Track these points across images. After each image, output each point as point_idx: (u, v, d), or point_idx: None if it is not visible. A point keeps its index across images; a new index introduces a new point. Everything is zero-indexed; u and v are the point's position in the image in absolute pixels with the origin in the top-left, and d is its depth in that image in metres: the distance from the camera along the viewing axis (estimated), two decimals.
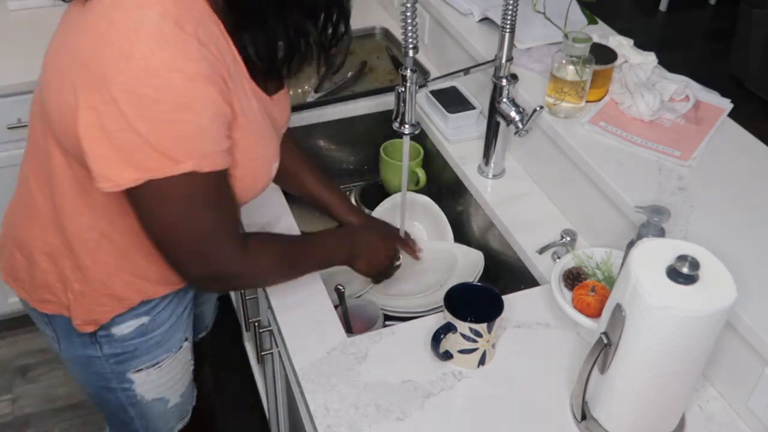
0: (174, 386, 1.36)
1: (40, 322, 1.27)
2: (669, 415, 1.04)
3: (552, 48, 1.56)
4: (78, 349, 1.25)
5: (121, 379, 1.28)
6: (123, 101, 0.89)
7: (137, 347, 1.25)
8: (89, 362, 1.26)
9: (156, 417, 1.38)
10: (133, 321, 1.22)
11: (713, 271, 0.93)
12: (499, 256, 1.51)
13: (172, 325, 1.28)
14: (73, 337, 1.23)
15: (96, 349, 1.23)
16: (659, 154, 1.34)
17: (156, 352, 1.27)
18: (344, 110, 1.79)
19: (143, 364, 1.27)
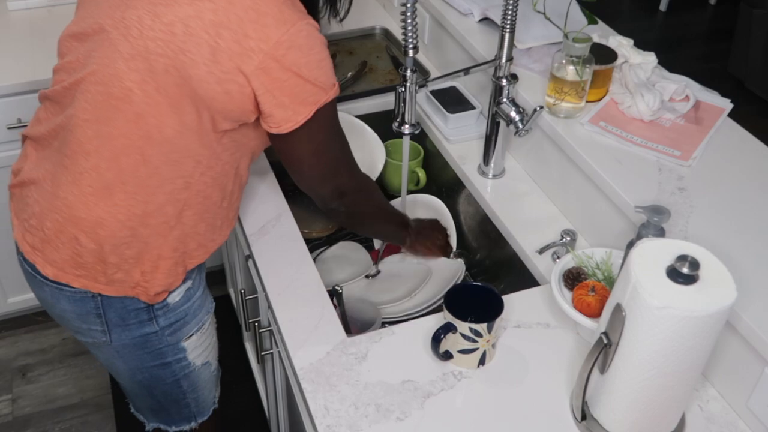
0: (213, 349, 1.46)
1: (89, 317, 1.27)
2: (669, 415, 1.04)
3: (552, 48, 1.56)
4: (134, 330, 1.28)
5: (176, 350, 1.34)
6: (287, 57, 1.09)
7: (187, 312, 1.32)
8: (145, 342, 1.30)
9: (203, 385, 1.46)
10: (182, 286, 1.29)
11: (713, 271, 0.93)
12: (499, 256, 1.51)
13: (204, 288, 1.38)
14: (130, 320, 1.27)
15: (153, 324, 1.29)
16: (659, 154, 1.34)
17: (200, 314, 1.36)
18: (344, 110, 1.79)
19: (192, 329, 1.35)
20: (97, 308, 1.25)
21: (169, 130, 1.13)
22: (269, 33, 1.08)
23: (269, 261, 1.36)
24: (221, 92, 1.11)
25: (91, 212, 1.17)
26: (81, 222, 1.18)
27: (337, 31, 2.05)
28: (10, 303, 2.28)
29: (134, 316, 1.27)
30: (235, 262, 1.96)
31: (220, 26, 1.07)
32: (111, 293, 1.23)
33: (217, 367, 1.50)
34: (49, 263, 1.22)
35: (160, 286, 1.24)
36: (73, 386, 2.23)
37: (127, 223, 1.18)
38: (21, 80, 1.89)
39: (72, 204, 1.18)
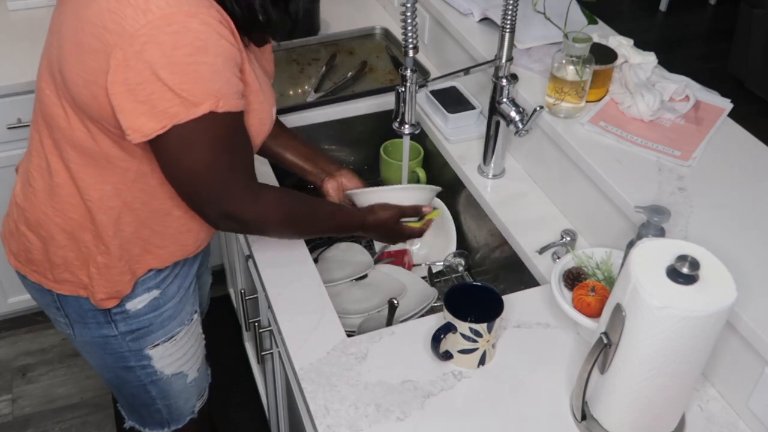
0: (191, 359, 1.40)
1: (51, 309, 1.28)
2: (669, 415, 1.04)
3: (552, 48, 1.56)
4: (93, 330, 1.27)
5: (139, 356, 1.31)
6: (145, 52, 0.94)
7: (152, 322, 1.28)
8: (105, 343, 1.28)
9: (177, 394, 1.41)
10: (145, 295, 1.25)
11: (713, 271, 0.93)
12: (499, 256, 1.51)
13: (181, 298, 1.32)
14: (88, 319, 1.25)
15: (111, 327, 1.26)
16: (659, 154, 1.34)
17: (170, 325, 1.31)
18: (344, 110, 1.79)
19: (159, 339, 1.31)
20: (55, 302, 1.26)
21: (79, 133, 1.09)
22: (125, 25, 0.95)
23: (269, 261, 1.36)
24: (90, 97, 1.02)
25: (35, 212, 1.19)
26: (28, 220, 1.20)
27: (338, 31, 2.05)
28: (10, 303, 2.28)
29: (92, 317, 1.25)
30: (235, 262, 1.96)
31: (85, 21, 0.99)
32: (62, 291, 1.23)
33: (197, 378, 1.45)
34: (12, 254, 1.26)
35: (104, 293, 1.21)
36: (73, 386, 2.23)
37: (65, 226, 1.17)
38: (21, 80, 1.89)
39: (21, 201, 1.21)
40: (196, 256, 1.35)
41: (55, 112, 1.10)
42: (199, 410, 1.52)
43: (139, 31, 0.94)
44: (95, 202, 1.14)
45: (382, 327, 1.27)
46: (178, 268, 1.30)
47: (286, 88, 1.84)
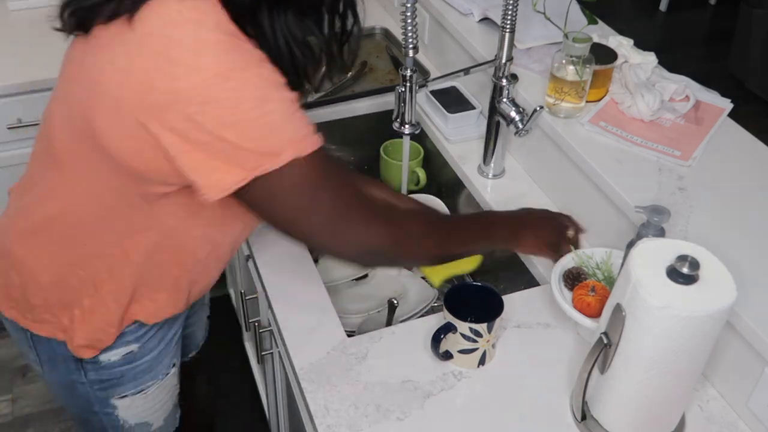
0: (158, 411, 1.33)
1: (23, 345, 1.23)
2: (669, 415, 1.04)
3: (552, 48, 1.56)
4: (62, 374, 1.22)
5: (104, 404, 1.26)
6: (203, 114, 0.88)
7: (123, 374, 1.22)
8: (72, 386, 1.23)
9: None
10: (122, 348, 1.19)
11: (713, 271, 0.93)
12: (499, 256, 1.51)
13: (160, 352, 1.25)
14: (58, 362, 1.20)
15: (80, 375, 1.21)
16: (659, 154, 1.34)
17: (142, 378, 1.25)
18: (344, 110, 1.79)
19: (128, 390, 1.25)
20: (28, 340, 1.21)
21: (89, 182, 1.03)
22: (177, 85, 0.87)
23: (269, 261, 1.35)
24: (132, 149, 0.95)
25: (20, 250, 1.13)
26: (11, 256, 1.14)
27: None
28: None
29: (62, 361, 1.19)
30: (235, 262, 1.96)
31: (126, 74, 0.90)
32: (39, 332, 1.17)
33: (162, 425, 1.36)
34: None
35: (84, 339, 1.15)
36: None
37: (52, 269, 1.12)
38: (21, 80, 1.89)
39: (7, 237, 1.15)
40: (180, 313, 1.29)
41: (67, 158, 1.04)
42: None
43: (193, 91, 0.87)
44: (93, 248, 1.09)
45: (382, 327, 1.27)
46: (161, 322, 1.22)
47: None
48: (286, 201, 0.96)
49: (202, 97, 0.87)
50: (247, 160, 0.91)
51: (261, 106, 0.90)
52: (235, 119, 0.88)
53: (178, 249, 1.12)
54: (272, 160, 0.91)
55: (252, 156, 0.91)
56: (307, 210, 0.98)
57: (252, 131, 0.90)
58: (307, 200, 0.97)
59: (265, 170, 0.92)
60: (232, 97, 0.88)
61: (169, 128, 0.90)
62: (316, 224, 1.00)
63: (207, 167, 0.92)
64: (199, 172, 0.92)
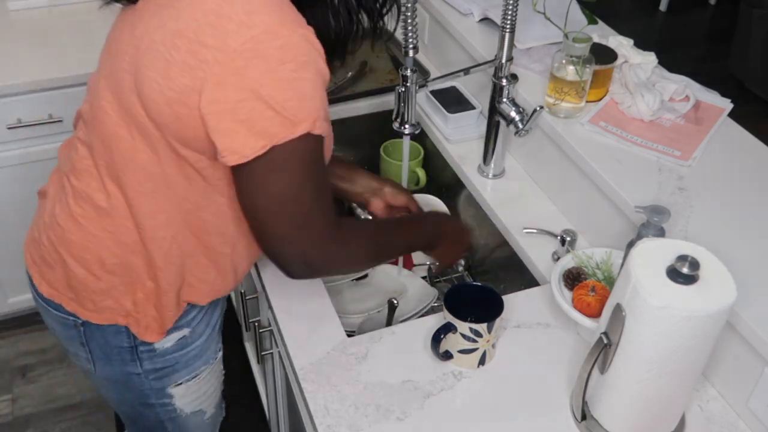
0: (210, 397, 1.36)
1: (73, 343, 1.23)
2: (669, 415, 1.04)
3: (552, 48, 1.56)
4: (116, 366, 1.22)
5: (161, 395, 1.27)
6: (249, 68, 0.91)
7: (177, 360, 1.24)
8: (127, 380, 1.24)
9: (192, 430, 1.37)
10: (174, 333, 1.20)
11: (713, 271, 0.93)
12: (499, 256, 1.51)
13: (208, 337, 1.27)
14: (113, 356, 1.21)
15: (136, 365, 1.21)
16: (659, 154, 1.34)
17: (195, 364, 1.27)
18: (344, 110, 1.79)
19: (183, 377, 1.26)
20: (80, 336, 1.21)
21: (143, 156, 1.04)
22: (228, 40, 0.90)
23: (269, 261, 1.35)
24: (171, 115, 0.97)
25: (80, 236, 1.13)
26: (70, 245, 1.14)
27: None
28: (10, 303, 2.28)
29: (117, 353, 1.20)
30: None
31: (176, 35, 0.93)
32: (100, 321, 1.17)
33: (214, 414, 1.41)
34: (45, 280, 1.19)
35: (151, 318, 1.17)
36: (73, 386, 2.23)
37: (116, 250, 1.12)
38: (21, 80, 1.89)
39: (64, 224, 1.14)
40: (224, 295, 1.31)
41: (118, 132, 1.05)
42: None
43: (243, 45, 0.90)
44: (147, 230, 1.10)
45: (382, 327, 1.27)
46: (206, 306, 1.25)
47: None
48: (283, 177, 0.97)
49: (250, 52, 0.90)
50: (270, 125, 0.93)
51: (299, 69, 0.93)
52: (275, 76, 0.91)
53: (225, 228, 1.13)
54: (291, 128, 0.94)
55: (275, 120, 0.93)
56: (295, 193, 0.99)
57: (284, 92, 0.92)
58: (299, 183, 0.99)
59: (282, 139, 0.94)
60: (277, 55, 0.91)
61: (213, 83, 0.92)
62: (292, 210, 1.00)
63: (231, 131, 0.94)
64: (223, 134, 0.94)
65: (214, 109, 0.93)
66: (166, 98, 0.96)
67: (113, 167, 1.08)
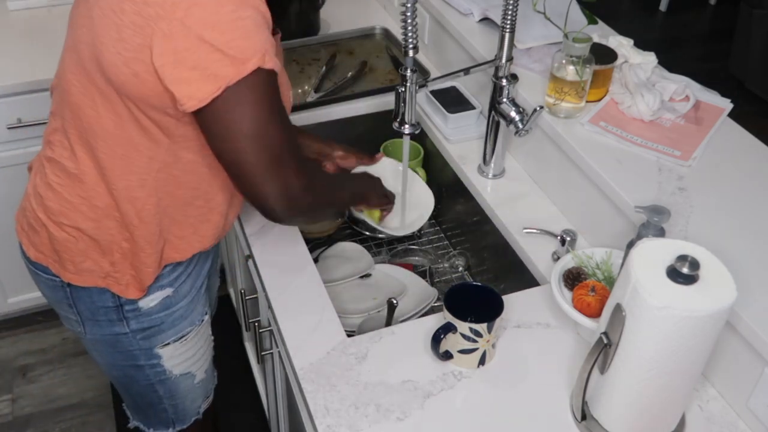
0: (199, 360, 1.41)
1: (62, 306, 1.28)
2: (669, 415, 1.04)
3: (552, 48, 1.56)
4: (105, 327, 1.27)
5: (149, 355, 1.32)
6: (189, 16, 0.95)
7: (163, 320, 1.29)
8: (116, 341, 1.29)
9: (183, 394, 1.42)
10: (158, 293, 1.26)
11: (713, 271, 0.93)
12: (499, 256, 1.51)
13: (193, 298, 1.32)
14: (99, 316, 1.26)
15: (123, 325, 1.27)
16: (659, 154, 1.34)
17: (181, 324, 1.32)
18: (344, 110, 1.79)
19: (170, 338, 1.31)
20: (68, 298, 1.26)
21: (107, 121, 1.10)
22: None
23: (269, 261, 1.36)
24: (130, 75, 1.02)
25: (58, 201, 1.19)
26: (49, 211, 1.20)
27: (338, 31, 2.05)
28: (10, 303, 2.28)
29: (104, 313, 1.26)
30: (235, 262, 1.96)
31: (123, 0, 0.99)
32: (80, 283, 1.23)
33: (204, 378, 1.46)
34: (32, 245, 1.25)
35: (130, 276, 1.22)
36: (73, 386, 2.23)
37: (90, 214, 1.18)
38: (21, 80, 1.89)
39: (43, 191, 1.21)
40: (207, 255, 1.36)
41: (83, 101, 1.11)
42: (204, 411, 1.53)
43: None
44: (121, 191, 1.15)
45: (382, 327, 1.27)
46: (191, 266, 1.31)
47: None
48: (247, 114, 0.99)
49: (188, 2, 0.95)
50: (220, 67, 0.97)
51: (238, 10, 0.97)
52: (215, 20, 0.96)
53: (198, 183, 1.17)
54: (241, 67, 0.97)
55: (225, 61, 0.96)
56: (264, 128, 1.01)
57: (228, 33, 0.96)
58: (265, 118, 1.01)
59: (234, 78, 0.97)
60: (214, 1, 0.96)
61: (159, 37, 0.97)
62: (266, 145, 1.01)
63: (185, 79, 0.98)
64: (178, 84, 0.98)
65: (165, 60, 0.98)
66: (123, 59, 1.01)
67: (84, 135, 1.13)
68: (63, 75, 1.15)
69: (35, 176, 1.25)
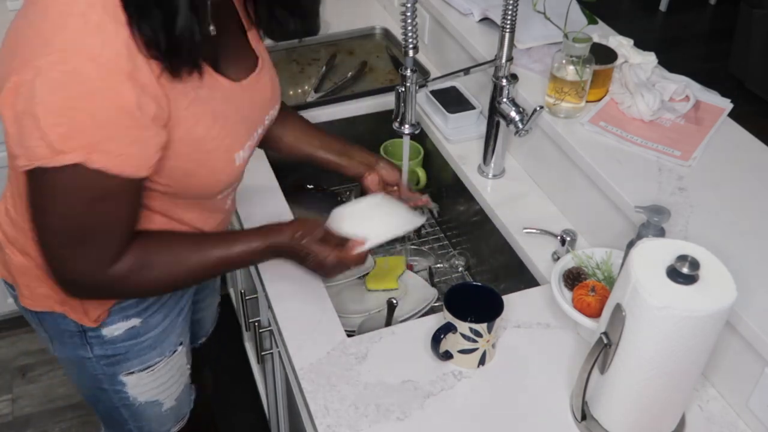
0: (168, 390, 1.35)
1: (33, 323, 1.27)
2: (669, 415, 1.04)
3: (552, 48, 1.56)
4: (69, 349, 1.24)
5: (113, 381, 1.28)
6: (35, 85, 0.88)
7: (128, 350, 1.24)
8: (81, 363, 1.26)
9: (150, 419, 1.37)
10: (122, 323, 1.21)
11: (713, 271, 0.93)
12: (499, 256, 1.51)
13: (165, 329, 1.27)
14: (65, 338, 1.23)
15: (87, 350, 1.23)
16: (659, 154, 1.34)
17: (148, 355, 1.27)
18: (344, 110, 1.79)
19: (135, 367, 1.27)
20: (35, 318, 1.24)
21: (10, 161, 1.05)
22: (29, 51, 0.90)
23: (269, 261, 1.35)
24: None
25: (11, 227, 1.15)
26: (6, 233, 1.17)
27: (338, 31, 2.05)
28: (10, 303, 2.26)
29: (68, 336, 1.22)
30: None
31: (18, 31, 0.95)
32: (36, 308, 1.20)
33: (174, 406, 1.39)
34: (1, 262, 1.23)
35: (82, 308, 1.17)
36: (73, 386, 2.20)
37: None
38: None
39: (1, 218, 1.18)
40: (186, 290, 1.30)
41: None
42: None
43: (36, 61, 0.89)
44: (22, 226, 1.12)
45: (382, 327, 1.27)
46: (164, 299, 1.25)
47: (286, 88, 1.84)
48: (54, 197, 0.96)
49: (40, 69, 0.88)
50: (36, 145, 0.90)
51: (79, 99, 0.89)
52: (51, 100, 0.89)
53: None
54: (53, 156, 0.91)
55: (41, 143, 0.90)
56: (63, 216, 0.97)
57: (55, 118, 0.89)
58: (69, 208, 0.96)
59: (45, 163, 0.91)
60: (61, 80, 0.88)
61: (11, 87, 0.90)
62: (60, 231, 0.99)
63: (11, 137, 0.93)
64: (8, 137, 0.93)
65: (6, 113, 0.92)
66: None
67: None
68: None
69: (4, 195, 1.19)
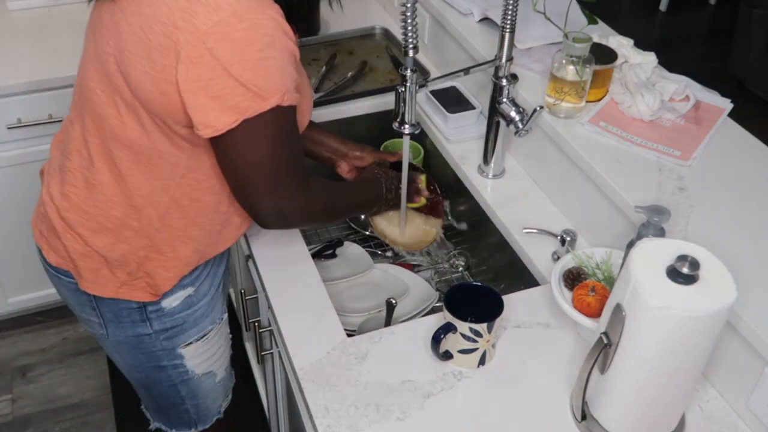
0: (219, 359, 1.42)
1: (84, 309, 1.29)
2: (669, 415, 1.04)
3: (552, 48, 1.56)
4: (128, 329, 1.28)
5: (172, 356, 1.33)
6: (218, 49, 0.98)
7: (185, 320, 1.30)
8: (139, 342, 1.30)
9: (205, 393, 1.43)
10: (180, 293, 1.27)
11: (713, 271, 0.93)
12: (499, 256, 1.51)
13: (212, 297, 1.34)
14: (123, 318, 1.26)
15: (146, 326, 1.27)
16: (659, 154, 1.34)
17: (203, 323, 1.33)
18: (344, 110, 1.79)
19: (192, 337, 1.32)
20: (91, 301, 1.26)
21: (132, 131, 1.11)
22: (197, 23, 0.97)
23: (269, 261, 1.36)
24: (156, 93, 1.04)
25: (75, 211, 1.19)
26: (66, 220, 1.20)
27: (338, 31, 2.05)
28: (10, 303, 2.28)
29: (127, 315, 1.26)
30: (235, 262, 1.96)
31: (152, 20, 1.00)
32: (97, 292, 1.23)
33: (224, 377, 1.48)
34: (52, 250, 1.25)
35: (147, 285, 1.23)
36: (73, 386, 2.23)
37: (108, 225, 1.18)
38: (21, 80, 1.89)
39: (59, 201, 1.21)
40: (223, 255, 1.37)
41: (107, 111, 1.11)
42: (225, 410, 1.55)
43: (212, 28, 0.97)
44: (145, 197, 1.16)
45: (382, 327, 1.27)
46: (209, 266, 1.32)
47: None
48: (259, 145, 1.06)
49: (218, 34, 0.97)
50: (241, 100, 1.01)
51: (265, 50, 1.00)
52: (241, 57, 0.99)
53: (220, 187, 1.19)
54: (261, 104, 1.02)
55: (246, 95, 1.01)
56: (272, 158, 1.08)
57: (252, 71, 1.00)
58: (275, 149, 1.07)
59: (253, 113, 1.02)
60: (244, 37, 0.98)
61: (186, 63, 0.98)
62: (271, 173, 1.09)
63: (206, 107, 1.01)
64: (199, 110, 1.02)
65: (189, 86, 1.00)
66: (150, 78, 1.03)
67: (105, 143, 1.14)
68: (85, 84, 1.15)
69: (50, 183, 1.25)
